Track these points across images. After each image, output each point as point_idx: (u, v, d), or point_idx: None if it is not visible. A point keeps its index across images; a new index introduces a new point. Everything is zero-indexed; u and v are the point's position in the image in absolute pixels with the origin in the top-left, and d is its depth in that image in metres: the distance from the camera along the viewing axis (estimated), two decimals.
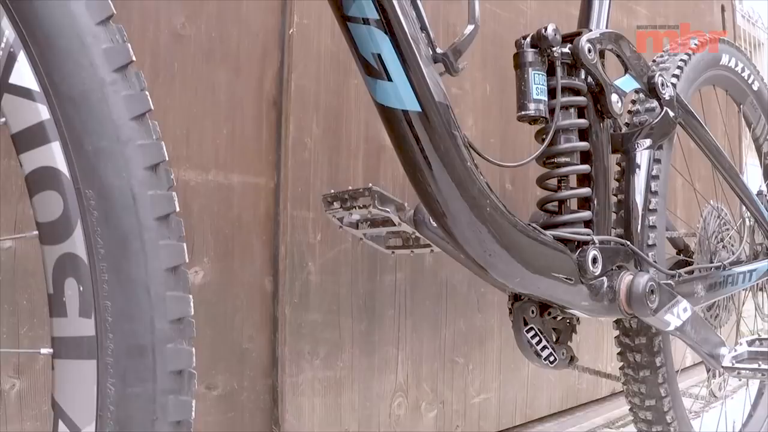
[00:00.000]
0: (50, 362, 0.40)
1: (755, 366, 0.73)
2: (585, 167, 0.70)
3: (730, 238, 0.97)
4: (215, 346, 0.88)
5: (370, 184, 0.68)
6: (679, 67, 0.86)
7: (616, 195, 0.80)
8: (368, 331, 0.98)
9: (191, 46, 0.90)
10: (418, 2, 0.58)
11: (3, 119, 0.40)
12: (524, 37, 0.70)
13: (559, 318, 0.74)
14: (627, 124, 0.83)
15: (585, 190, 0.70)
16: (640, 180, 0.78)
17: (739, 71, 1.00)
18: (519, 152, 1.16)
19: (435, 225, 0.64)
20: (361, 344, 0.97)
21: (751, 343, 0.79)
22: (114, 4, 0.89)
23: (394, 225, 0.69)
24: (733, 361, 0.75)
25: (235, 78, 0.92)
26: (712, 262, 0.95)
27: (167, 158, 0.42)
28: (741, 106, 1.06)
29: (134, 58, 0.42)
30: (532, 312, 0.71)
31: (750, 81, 1.03)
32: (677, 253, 0.97)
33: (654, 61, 0.90)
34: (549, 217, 0.71)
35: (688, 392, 1.33)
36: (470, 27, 0.60)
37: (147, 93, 0.42)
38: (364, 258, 0.97)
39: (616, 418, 1.34)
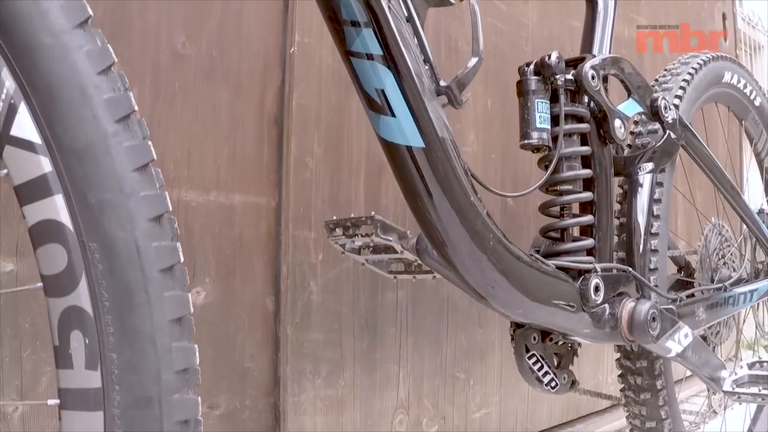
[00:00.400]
0: (57, 413, 0.40)
1: (756, 391, 0.74)
2: (588, 195, 0.70)
3: (731, 254, 0.97)
4: (217, 365, 0.88)
5: (373, 213, 0.68)
6: (681, 88, 0.86)
7: (618, 218, 0.79)
8: (370, 349, 0.98)
9: (192, 65, 0.90)
10: (422, 34, 0.58)
11: (5, 171, 0.40)
12: (527, 64, 0.69)
13: (560, 343, 0.75)
14: (629, 146, 0.83)
15: (587, 218, 0.70)
16: (642, 204, 0.78)
17: (741, 88, 1.00)
18: (520, 167, 1.15)
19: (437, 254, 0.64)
20: (362, 362, 0.97)
21: (751, 366, 0.79)
22: (115, 23, 0.89)
23: (397, 252, 0.69)
24: (734, 385, 0.75)
25: (236, 97, 0.92)
26: (713, 280, 0.95)
27: (170, 208, 0.42)
28: (743, 122, 1.06)
29: (136, 108, 0.42)
30: (534, 338, 0.71)
31: (752, 97, 1.03)
32: (678, 271, 0.97)
33: (656, 80, 0.90)
34: (551, 245, 0.71)
35: (688, 410, 1.33)
36: (474, 59, 0.60)
37: (149, 142, 0.42)
38: (365, 277, 0.97)
39: (617, 430, 1.35)
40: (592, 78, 0.69)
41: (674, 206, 1.52)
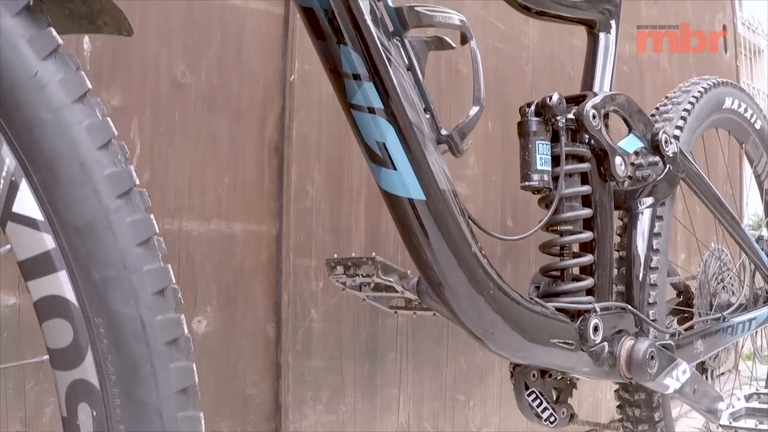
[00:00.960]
0: None
1: (752, 425, 0.75)
2: (588, 235, 0.70)
3: (730, 278, 0.98)
4: (219, 392, 0.89)
5: (373, 254, 0.68)
6: (682, 118, 0.86)
7: (617, 251, 0.80)
8: (370, 374, 0.99)
9: (192, 94, 0.89)
10: (422, 82, 0.58)
11: (8, 246, 0.40)
12: (528, 105, 0.69)
13: (559, 377, 0.75)
14: (630, 177, 0.83)
15: (587, 258, 0.70)
16: (641, 238, 0.78)
17: (742, 112, 1.00)
18: (520, 191, 1.15)
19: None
20: (363, 387, 0.98)
21: (748, 398, 0.80)
22: (114, 53, 0.88)
23: (397, 292, 0.70)
24: (731, 419, 0.76)
25: (237, 125, 0.92)
26: (711, 305, 0.95)
27: (174, 281, 0.42)
28: (743, 145, 1.06)
29: (137, 181, 0.42)
30: (533, 376, 0.72)
31: (753, 121, 1.03)
32: (677, 295, 0.98)
33: (657, 108, 0.90)
34: (551, 284, 0.71)
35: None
36: (475, 108, 0.60)
37: (152, 215, 0.42)
38: (366, 304, 0.97)
39: None
40: (593, 117, 0.69)
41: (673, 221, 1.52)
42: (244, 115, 0.92)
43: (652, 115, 0.89)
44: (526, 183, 0.68)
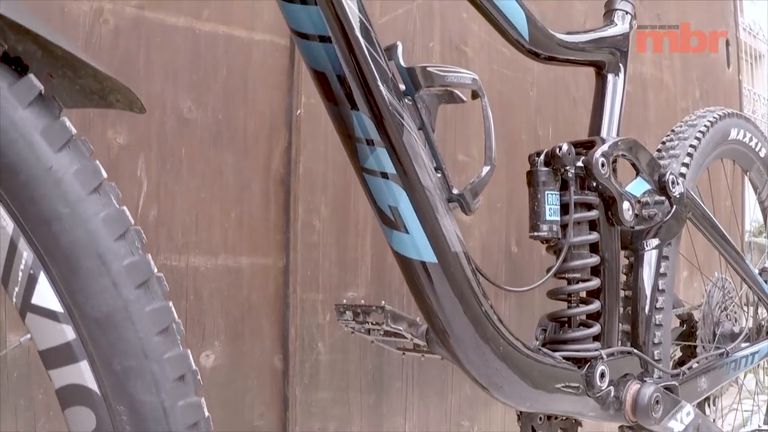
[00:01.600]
0: None
1: None
2: (595, 282, 0.71)
3: (733, 307, 0.99)
4: (227, 425, 0.90)
5: (383, 303, 0.69)
6: (689, 155, 0.86)
7: (623, 289, 0.80)
8: (376, 404, 1.00)
9: (198, 129, 0.89)
10: (433, 141, 0.58)
11: (29, 336, 0.40)
12: (538, 154, 0.70)
13: (565, 418, 0.76)
14: (636, 215, 0.83)
15: (594, 306, 0.71)
16: (647, 279, 0.79)
17: (747, 141, 1.00)
18: (525, 216, 1.16)
19: None
20: (369, 417, 0.99)
21: None
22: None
23: (406, 338, 0.70)
24: None
25: (243, 159, 0.92)
26: (715, 334, 0.96)
27: (194, 366, 0.42)
28: (747, 173, 1.06)
29: (155, 270, 0.42)
30: (540, 419, 0.73)
31: (757, 149, 1.03)
32: (680, 324, 0.99)
33: (663, 143, 0.90)
34: (558, 329, 0.72)
35: None
36: (486, 168, 0.60)
37: (170, 303, 0.42)
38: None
39: None
40: (602, 166, 0.69)
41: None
42: (251, 149, 0.92)
43: (659, 150, 0.90)
44: (536, 233, 0.68)
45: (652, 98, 1.52)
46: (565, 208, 0.69)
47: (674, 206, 0.79)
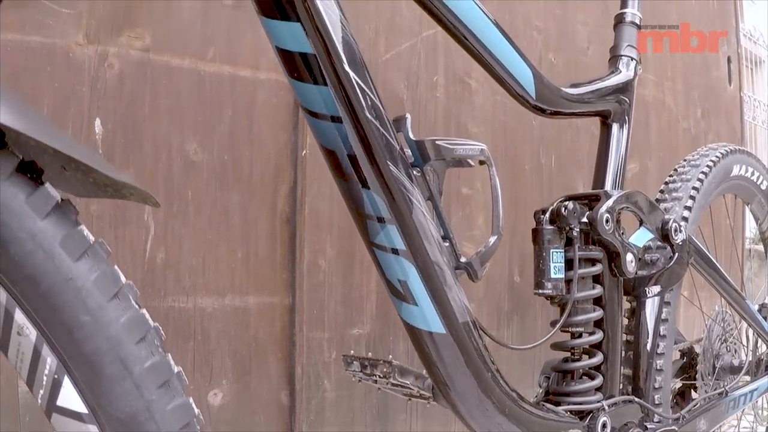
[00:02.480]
0: None
1: None
2: (598, 336, 0.72)
3: (733, 339, 1.00)
4: None
5: (390, 357, 0.70)
6: (691, 197, 0.86)
7: (625, 334, 0.82)
8: None
9: (204, 171, 0.90)
10: (441, 211, 0.59)
11: None
12: (543, 212, 0.70)
13: None
14: (639, 259, 0.84)
15: (597, 359, 0.72)
16: (649, 325, 0.80)
17: (749, 176, 1.01)
18: (528, 246, 1.17)
19: None
20: None
21: None
22: (127, 133, 0.88)
23: (412, 390, 0.72)
24: None
25: (249, 199, 0.92)
26: (714, 367, 0.98)
27: None
28: (749, 205, 1.07)
29: (176, 369, 0.43)
30: None
31: (759, 182, 1.04)
32: (681, 356, 1.00)
33: (666, 184, 0.91)
34: (560, 380, 0.73)
35: None
36: (494, 237, 0.61)
37: (191, 399, 0.43)
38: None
39: None
40: (607, 222, 0.70)
41: None
42: (256, 189, 0.93)
43: (661, 191, 0.90)
44: (541, 291, 0.69)
45: (653, 120, 1.53)
46: (569, 263, 0.70)
47: (676, 253, 0.80)
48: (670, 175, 0.92)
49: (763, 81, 2.67)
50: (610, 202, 0.71)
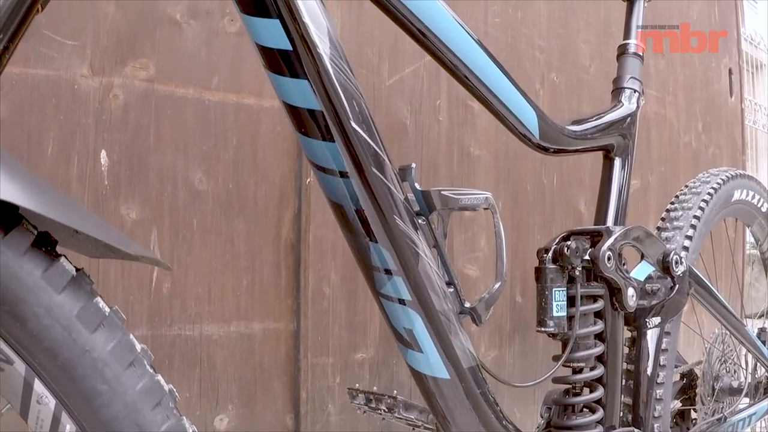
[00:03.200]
0: None
1: None
2: (599, 371, 0.73)
3: (733, 360, 1.01)
4: None
5: (395, 392, 0.71)
6: (692, 226, 0.87)
7: (626, 362, 0.83)
8: None
9: (209, 200, 0.90)
10: (446, 258, 0.60)
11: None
12: (546, 251, 0.71)
13: None
14: (640, 291, 0.85)
15: (598, 393, 0.73)
16: (649, 355, 0.81)
17: (750, 199, 1.02)
18: (529, 265, 1.18)
19: None
20: None
21: None
22: (132, 164, 0.88)
23: (417, 424, 0.73)
24: None
25: (254, 227, 0.93)
26: (714, 390, 1.00)
27: None
28: (749, 227, 1.08)
29: (190, 429, 0.44)
30: None
31: (759, 205, 1.04)
32: (680, 378, 1.02)
33: (667, 212, 0.91)
34: (561, 413, 0.74)
35: None
36: (498, 284, 0.61)
37: None
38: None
39: None
40: (608, 259, 0.71)
41: None
42: (261, 217, 0.93)
43: (663, 219, 0.91)
44: (543, 329, 0.70)
45: (655, 136, 1.53)
46: (571, 299, 0.71)
47: (677, 285, 0.81)
48: (672, 202, 0.93)
49: (763, 85, 2.67)
50: (611, 240, 0.72)
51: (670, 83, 1.61)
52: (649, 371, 0.81)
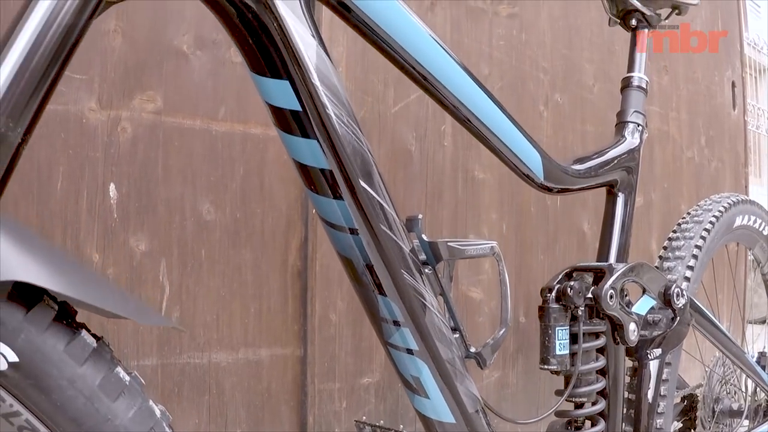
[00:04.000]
0: None
1: None
2: (601, 406, 0.74)
3: (733, 382, 1.03)
4: None
5: (401, 426, 0.73)
6: (694, 256, 0.88)
7: (627, 391, 0.84)
8: None
9: (217, 230, 0.92)
10: (452, 303, 0.61)
11: None
12: (549, 290, 0.72)
13: None
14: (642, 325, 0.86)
15: (600, 427, 0.75)
16: (650, 386, 0.82)
17: (752, 224, 1.03)
18: (533, 285, 1.19)
19: None
20: None
21: None
22: (141, 196, 0.90)
23: None
24: None
25: (261, 255, 0.95)
26: (714, 411, 1.01)
27: None
28: (751, 250, 1.09)
29: None
30: None
31: (761, 228, 1.06)
32: (681, 400, 1.03)
33: (670, 240, 0.92)
34: None
35: None
36: (503, 329, 0.63)
37: None
38: (386, 417, 1.03)
39: None
40: (611, 298, 0.72)
41: None
42: (268, 245, 0.95)
43: (665, 248, 0.92)
44: (546, 367, 0.71)
45: (658, 152, 1.54)
46: (573, 336, 0.72)
47: (678, 317, 0.82)
48: (674, 231, 0.94)
49: (765, 89, 2.67)
50: (613, 279, 0.73)
51: (673, 99, 1.61)
52: (650, 401, 0.83)
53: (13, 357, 0.39)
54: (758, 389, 1.02)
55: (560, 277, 0.74)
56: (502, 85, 1.12)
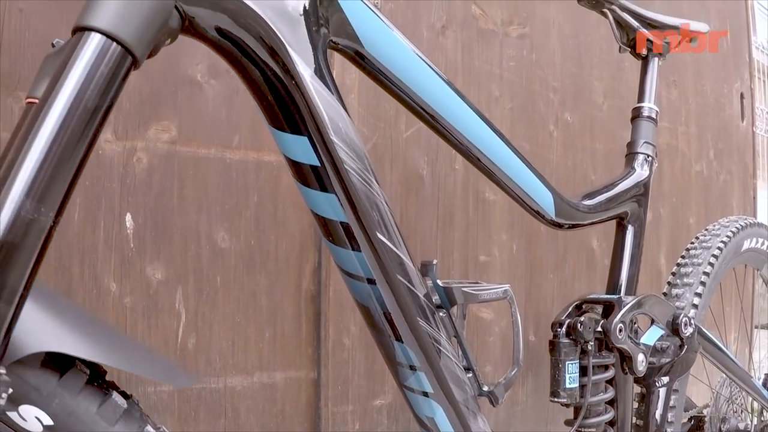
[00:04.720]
0: None
1: None
2: None
3: (740, 401, 1.05)
4: None
5: None
6: (702, 283, 0.90)
7: (635, 417, 0.86)
8: None
9: (232, 258, 0.93)
10: (465, 344, 0.63)
11: None
12: (560, 325, 0.74)
13: None
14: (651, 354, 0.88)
15: None
16: (658, 412, 0.84)
17: (759, 246, 1.04)
18: (543, 303, 1.20)
19: None
20: None
21: None
22: (157, 226, 0.91)
23: None
24: None
25: (275, 281, 0.96)
26: (720, 431, 1.03)
27: None
28: (759, 271, 1.10)
29: None
30: None
31: None
32: (688, 420, 1.05)
33: (678, 265, 0.94)
34: None
35: None
36: (515, 368, 0.64)
37: None
38: None
39: None
40: (620, 331, 0.74)
41: None
42: (282, 271, 0.96)
43: (673, 274, 0.93)
44: (556, 399, 0.73)
45: (666, 167, 1.54)
46: (583, 368, 0.74)
47: (685, 346, 0.83)
48: (683, 256, 0.95)
49: None
50: (623, 312, 0.75)
51: (682, 113, 1.61)
52: (657, 427, 0.84)
53: (48, 421, 0.41)
54: (764, 411, 1.04)
55: (570, 310, 0.75)
56: (512, 106, 1.13)
